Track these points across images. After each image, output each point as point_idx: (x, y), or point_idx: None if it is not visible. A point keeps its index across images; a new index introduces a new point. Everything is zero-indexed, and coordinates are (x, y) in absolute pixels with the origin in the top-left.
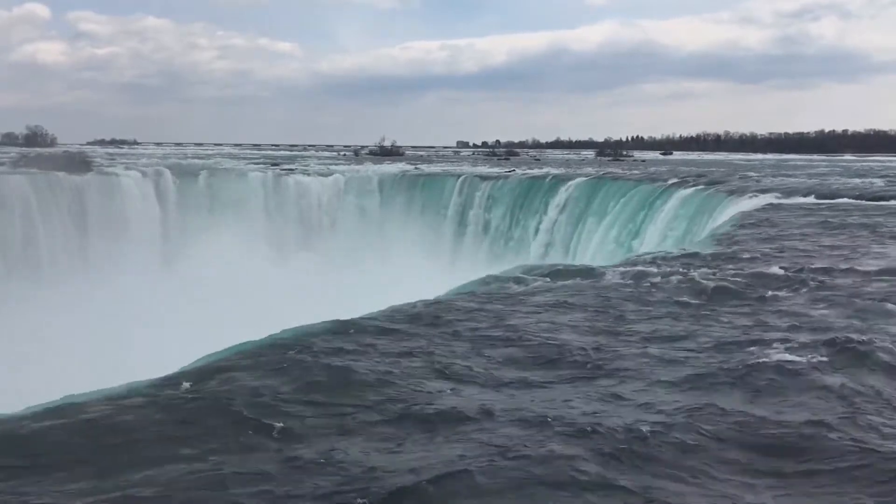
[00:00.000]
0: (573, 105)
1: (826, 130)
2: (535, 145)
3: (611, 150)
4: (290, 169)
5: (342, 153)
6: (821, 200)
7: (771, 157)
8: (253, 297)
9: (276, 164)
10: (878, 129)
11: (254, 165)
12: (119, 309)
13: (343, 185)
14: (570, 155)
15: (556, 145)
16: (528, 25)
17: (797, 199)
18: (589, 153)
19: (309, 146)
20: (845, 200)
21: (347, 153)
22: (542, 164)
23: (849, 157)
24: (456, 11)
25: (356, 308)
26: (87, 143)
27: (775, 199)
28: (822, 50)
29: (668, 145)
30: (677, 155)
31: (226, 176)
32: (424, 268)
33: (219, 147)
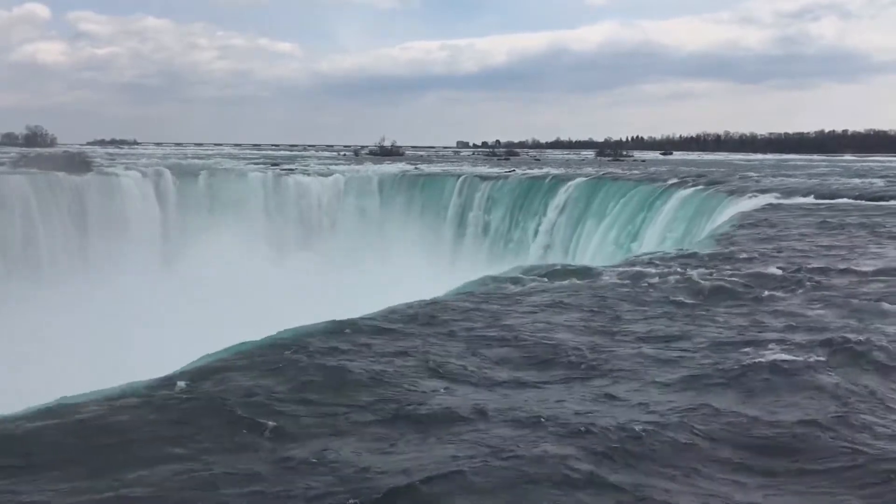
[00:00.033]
0: (573, 105)
1: (826, 130)
2: (535, 145)
3: (611, 150)
4: (290, 169)
5: (342, 153)
6: (820, 201)
7: (771, 157)
8: (253, 297)
9: (276, 164)
10: (878, 129)
11: (254, 165)
12: (119, 309)
13: (343, 185)
14: (570, 155)
15: (556, 145)
16: (528, 25)
17: (797, 200)
18: (589, 153)
19: (309, 146)
20: (845, 201)
21: (347, 153)
22: (542, 165)
23: (849, 157)
24: (456, 11)
25: (356, 308)
26: (87, 144)
27: (775, 200)
28: (822, 50)
29: (668, 145)
30: (677, 155)
31: (226, 176)
32: (424, 268)
33: (219, 147)
